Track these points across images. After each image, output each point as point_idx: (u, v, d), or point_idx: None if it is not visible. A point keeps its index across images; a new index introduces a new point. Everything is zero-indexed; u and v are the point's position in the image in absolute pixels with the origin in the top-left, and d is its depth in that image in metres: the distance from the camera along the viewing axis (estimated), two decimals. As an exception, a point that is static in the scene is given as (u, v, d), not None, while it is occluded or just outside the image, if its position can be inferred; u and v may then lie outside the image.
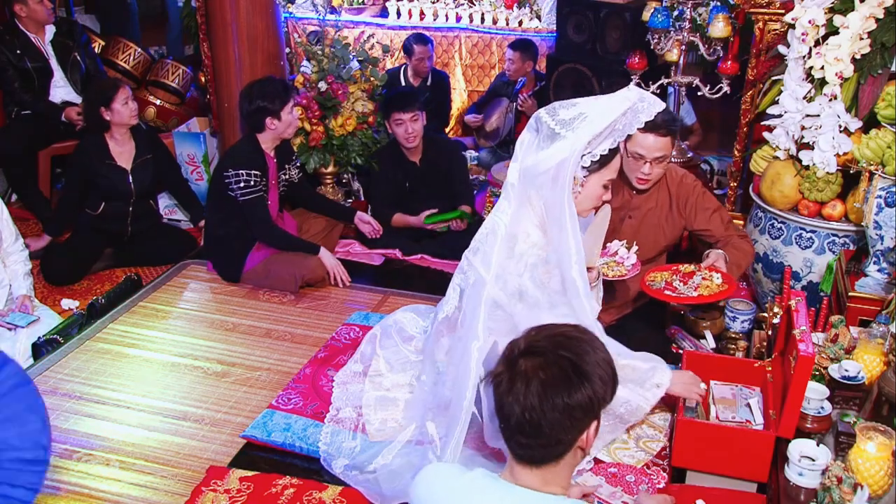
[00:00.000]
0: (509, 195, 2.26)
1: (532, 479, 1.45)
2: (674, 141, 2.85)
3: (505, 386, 1.39)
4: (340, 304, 3.53)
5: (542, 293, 2.21)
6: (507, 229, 2.23)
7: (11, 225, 3.25)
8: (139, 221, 3.94)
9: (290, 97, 3.60)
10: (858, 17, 2.70)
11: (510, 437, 1.43)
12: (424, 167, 4.05)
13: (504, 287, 2.23)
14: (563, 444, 1.40)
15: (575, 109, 2.14)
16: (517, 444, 1.43)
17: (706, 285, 2.69)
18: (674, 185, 2.98)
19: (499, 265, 2.22)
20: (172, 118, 5.12)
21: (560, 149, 2.12)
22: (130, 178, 3.82)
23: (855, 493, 1.71)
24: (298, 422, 2.60)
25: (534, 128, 2.20)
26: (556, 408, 1.36)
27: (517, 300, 2.22)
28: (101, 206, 3.83)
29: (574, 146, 2.11)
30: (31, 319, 3.13)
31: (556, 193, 2.14)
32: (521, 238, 2.23)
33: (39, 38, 4.33)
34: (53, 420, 2.71)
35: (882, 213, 2.60)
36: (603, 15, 4.09)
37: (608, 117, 2.12)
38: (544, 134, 2.16)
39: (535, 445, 1.41)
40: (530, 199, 2.24)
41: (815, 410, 2.09)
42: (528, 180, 2.22)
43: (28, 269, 3.30)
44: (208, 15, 4.14)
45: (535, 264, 2.21)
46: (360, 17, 5.87)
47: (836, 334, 2.41)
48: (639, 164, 2.83)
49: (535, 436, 1.39)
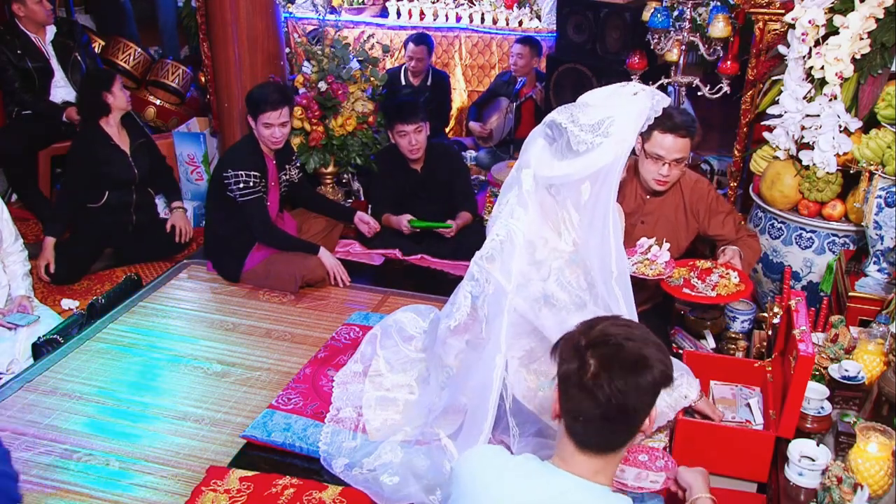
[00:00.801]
0: (525, 202, 2.24)
1: (586, 468, 1.47)
2: (692, 142, 2.80)
3: (577, 379, 1.42)
4: (340, 304, 3.53)
5: (570, 295, 2.21)
6: (525, 237, 2.22)
7: (12, 225, 3.25)
8: (142, 211, 3.96)
9: (279, 106, 3.53)
10: (858, 17, 2.70)
11: (587, 426, 1.45)
12: (425, 175, 4.02)
13: (526, 295, 2.22)
14: (637, 425, 1.47)
15: (595, 113, 2.12)
16: (592, 431, 1.45)
17: (724, 284, 2.63)
18: (687, 190, 2.94)
19: (520, 274, 2.21)
20: (172, 118, 5.12)
21: (601, 155, 2.10)
22: (131, 160, 3.86)
23: (855, 493, 1.71)
24: (298, 422, 2.60)
25: (549, 135, 2.18)
26: (640, 388, 1.41)
27: (542, 305, 2.22)
28: (105, 196, 3.84)
29: (618, 152, 2.10)
30: (31, 319, 3.13)
31: (601, 199, 2.13)
32: (540, 244, 2.22)
33: (40, 38, 4.33)
34: (54, 420, 2.72)
35: (882, 213, 2.60)
36: (603, 15, 4.09)
37: (637, 122, 2.12)
38: (567, 141, 2.13)
39: (616, 430, 1.45)
40: (543, 206, 2.23)
41: (815, 410, 2.09)
42: (546, 190, 2.20)
43: (27, 270, 3.31)
44: (208, 15, 4.13)
45: (561, 268, 2.21)
46: (360, 17, 5.87)
47: (836, 334, 2.41)
48: (657, 166, 2.78)
49: (621, 421, 1.43)
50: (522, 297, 2.22)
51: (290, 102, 3.66)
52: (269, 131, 3.54)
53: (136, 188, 3.92)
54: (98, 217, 3.86)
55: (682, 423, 2.17)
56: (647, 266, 2.57)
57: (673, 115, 2.72)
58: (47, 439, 2.62)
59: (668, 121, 2.69)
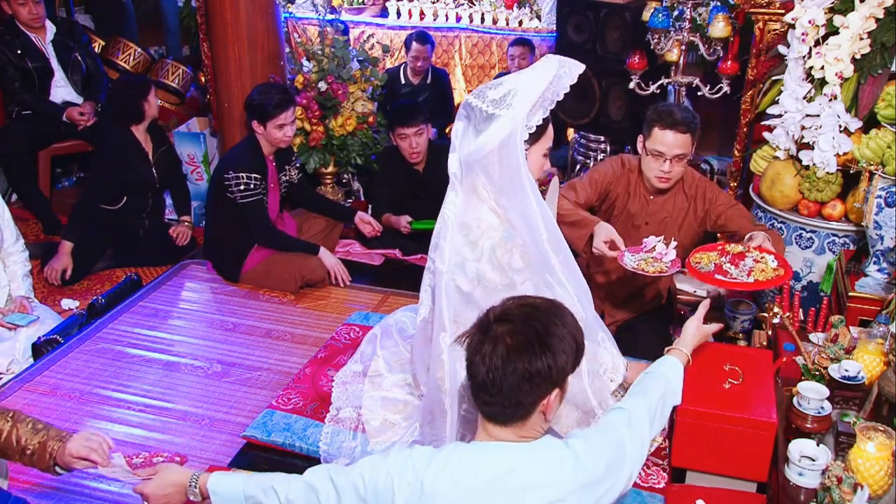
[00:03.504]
0: (455, 186, 2.26)
1: (505, 434, 1.55)
2: (693, 139, 2.79)
3: (475, 346, 1.52)
4: (340, 304, 3.53)
5: (501, 276, 2.21)
6: (458, 219, 2.23)
7: (12, 225, 3.25)
8: (154, 216, 4.00)
9: (288, 106, 3.57)
10: (858, 17, 2.70)
11: (476, 395, 1.55)
12: (427, 176, 4.01)
13: (465, 274, 2.23)
14: (523, 406, 1.52)
15: (502, 88, 2.14)
16: (482, 402, 1.54)
17: (761, 269, 2.43)
18: (690, 188, 2.95)
19: (457, 253, 2.23)
20: (172, 118, 5.11)
21: (501, 126, 2.11)
22: (154, 168, 3.91)
23: (855, 493, 1.71)
24: (298, 422, 2.60)
25: (465, 115, 2.20)
26: (515, 372, 1.47)
27: (475, 285, 2.23)
28: (124, 200, 3.87)
29: (515, 120, 2.10)
30: (31, 319, 3.13)
31: (510, 168, 2.14)
32: (474, 224, 2.23)
33: (40, 38, 4.33)
34: (54, 420, 2.71)
35: (882, 213, 2.60)
36: (603, 15, 4.09)
37: (538, 88, 2.12)
38: (478, 118, 2.15)
39: (496, 404, 1.52)
40: (475, 186, 2.24)
41: (815, 410, 2.09)
42: (470, 167, 2.22)
43: (28, 270, 3.30)
44: (208, 15, 4.14)
45: (493, 247, 2.21)
46: (360, 17, 5.88)
47: (836, 334, 2.41)
48: (658, 162, 2.78)
49: (496, 395, 1.50)
50: (463, 276, 2.23)
51: (294, 100, 3.70)
52: (283, 132, 3.57)
53: (152, 194, 3.97)
54: (111, 220, 3.86)
55: (682, 423, 2.17)
56: (648, 263, 2.56)
57: (673, 112, 2.73)
58: (47, 439, 2.62)
59: (668, 117, 2.70)
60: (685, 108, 2.81)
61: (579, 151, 4.51)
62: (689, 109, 2.91)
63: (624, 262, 2.57)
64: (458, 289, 2.23)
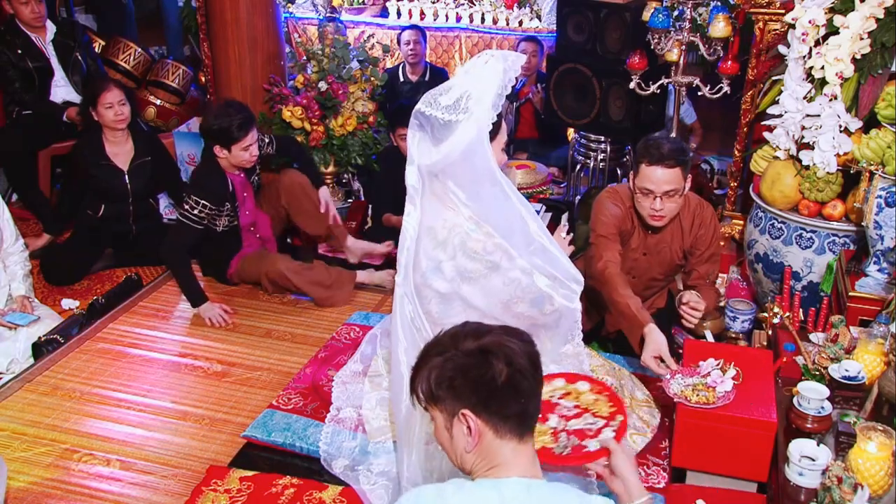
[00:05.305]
0: (413, 199, 2.26)
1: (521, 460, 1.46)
2: (685, 172, 2.63)
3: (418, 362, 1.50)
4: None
5: (480, 263, 2.21)
6: (420, 228, 2.24)
7: (12, 225, 3.25)
8: (142, 221, 3.91)
9: (242, 134, 3.34)
10: (858, 17, 2.70)
11: (503, 402, 1.45)
12: None
13: (443, 275, 2.23)
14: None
15: (454, 93, 2.14)
16: (506, 409, 1.46)
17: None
18: (687, 219, 2.81)
19: (429, 259, 2.22)
20: (172, 118, 5.11)
21: (464, 132, 2.10)
22: (127, 179, 3.76)
23: (855, 493, 1.71)
24: (299, 422, 2.60)
25: (418, 125, 2.19)
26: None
27: (460, 282, 2.22)
28: (102, 208, 3.78)
29: (479, 124, 2.10)
30: (31, 319, 3.13)
31: (482, 170, 2.13)
32: (439, 225, 2.23)
33: (40, 37, 4.33)
34: (54, 420, 2.72)
35: (882, 212, 2.60)
36: (603, 15, 4.09)
37: (492, 87, 2.12)
38: (435, 126, 2.15)
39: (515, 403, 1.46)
40: (439, 194, 2.24)
41: (815, 410, 2.09)
42: (434, 176, 2.22)
43: (28, 270, 3.30)
44: (208, 15, 4.14)
45: (463, 242, 2.21)
46: (360, 17, 5.88)
47: (836, 334, 2.41)
48: (648, 200, 2.64)
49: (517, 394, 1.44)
50: (442, 279, 2.22)
51: (254, 117, 3.49)
52: (249, 152, 3.39)
53: (132, 202, 3.82)
54: (98, 224, 3.83)
55: (682, 423, 2.17)
56: (695, 391, 2.20)
57: (661, 145, 2.60)
58: (47, 439, 2.62)
59: (655, 151, 2.58)
60: (673, 140, 2.66)
61: (579, 151, 4.51)
62: (676, 140, 2.77)
63: (669, 388, 2.25)
64: (436, 293, 2.22)
